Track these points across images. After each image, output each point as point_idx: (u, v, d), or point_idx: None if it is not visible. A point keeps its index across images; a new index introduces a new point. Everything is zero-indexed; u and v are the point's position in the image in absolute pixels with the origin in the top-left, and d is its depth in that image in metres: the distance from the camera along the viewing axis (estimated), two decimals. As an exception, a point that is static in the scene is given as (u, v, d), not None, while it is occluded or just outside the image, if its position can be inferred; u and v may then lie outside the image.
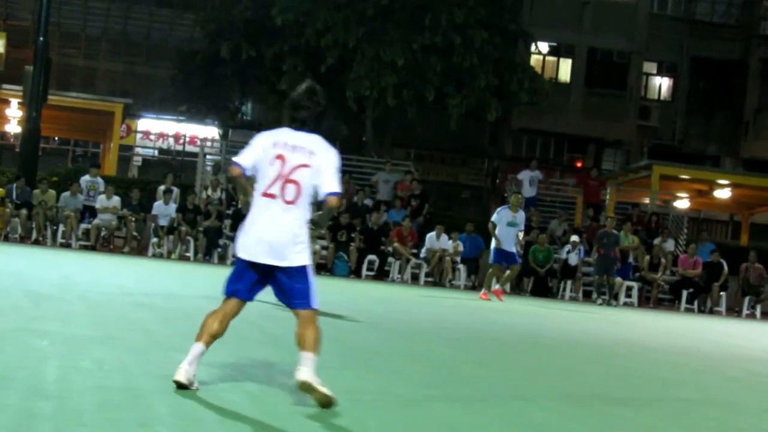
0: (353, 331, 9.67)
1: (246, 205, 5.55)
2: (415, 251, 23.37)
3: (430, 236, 23.24)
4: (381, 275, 22.89)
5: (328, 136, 5.54)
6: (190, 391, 5.27)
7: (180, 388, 5.22)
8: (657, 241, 24.98)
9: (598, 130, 39.79)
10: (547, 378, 7.80)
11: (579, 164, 40.70)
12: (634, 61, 39.96)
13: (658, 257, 24.05)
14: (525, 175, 27.64)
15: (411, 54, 27.87)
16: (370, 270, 22.94)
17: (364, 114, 29.84)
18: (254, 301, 5.52)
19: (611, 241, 22.40)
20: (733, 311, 24.10)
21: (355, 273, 22.69)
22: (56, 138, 41.73)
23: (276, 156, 5.33)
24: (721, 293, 23.86)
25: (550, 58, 39.75)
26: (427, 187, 29.51)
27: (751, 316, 23.69)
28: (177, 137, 41.08)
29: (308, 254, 5.35)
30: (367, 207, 24.74)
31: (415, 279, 23.24)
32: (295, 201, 5.29)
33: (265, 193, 5.32)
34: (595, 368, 9.17)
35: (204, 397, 5.16)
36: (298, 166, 5.30)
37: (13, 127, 32.59)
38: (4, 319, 7.72)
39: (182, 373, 5.20)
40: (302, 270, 5.29)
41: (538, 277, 23.43)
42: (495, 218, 18.27)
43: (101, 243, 22.76)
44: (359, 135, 32.90)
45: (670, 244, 25.40)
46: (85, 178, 23.53)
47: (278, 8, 28.06)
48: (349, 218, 23.17)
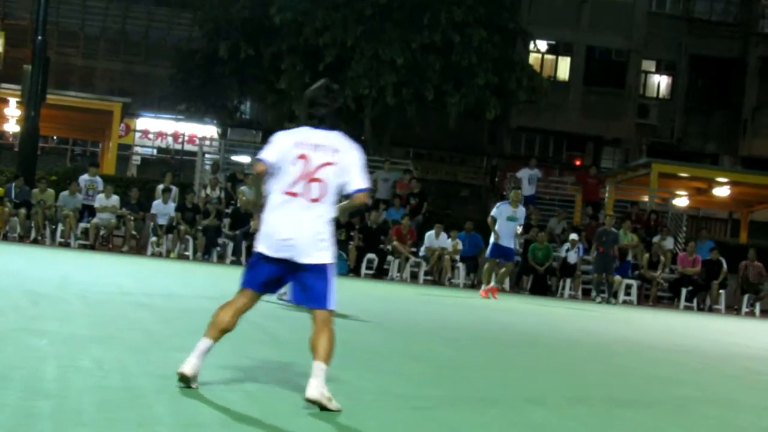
0: (353, 330, 9.66)
1: (246, 205, 5.54)
2: (414, 250, 23.36)
3: (429, 235, 23.24)
4: (380, 274, 22.88)
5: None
6: (190, 390, 5.26)
7: (182, 380, 5.20)
8: (656, 239, 24.98)
9: (597, 128, 39.77)
10: (546, 377, 7.80)
11: (578, 162, 40.69)
12: (633, 59, 39.94)
13: (657, 255, 24.06)
14: (524, 174, 27.66)
15: (410, 53, 27.86)
16: (369, 268, 22.93)
17: (362, 113, 29.83)
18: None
19: (610, 240, 22.40)
20: (733, 309, 24.10)
21: (354, 271, 22.69)
22: (55, 137, 41.69)
23: (299, 156, 5.26)
24: (720, 291, 23.86)
25: (549, 57, 39.72)
26: (426, 185, 29.50)
27: (751, 314, 23.68)
28: (176, 136, 41.03)
29: (331, 253, 5.30)
30: (366, 205, 24.72)
31: (414, 277, 23.24)
32: (319, 199, 5.25)
33: (287, 192, 5.26)
34: (594, 367, 9.17)
35: (204, 397, 5.16)
36: (323, 165, 5.25)
37: (11, 126, 32.54)
38: (3, 319, 7.71)
39: (189, 366, 5.18)
40: (323, 268, 5.25)
41: (537, 276, 23.42)
42: (495, 212, 18.32)
43: (100, 242, 22.73)
44: (358, 134, 32.89)
45: (669, 242, 25.41)
46: (84, 178, 23.50)
47: (276, 7, 28.04)
48: (348, 217, 23.16)
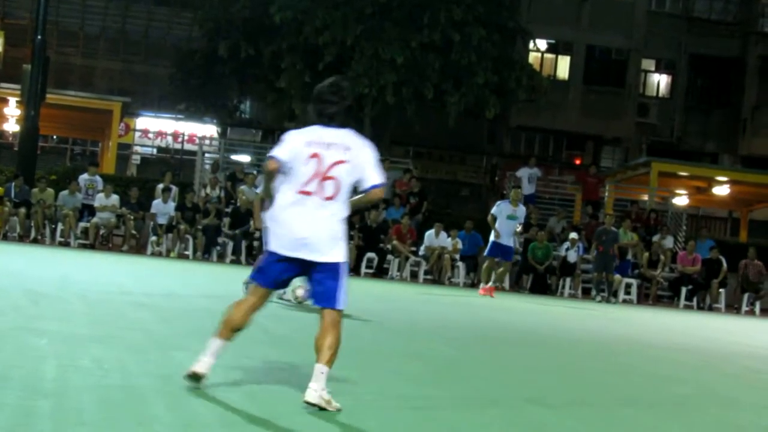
0: (352, 329, 9.63)
1: (246, 204, 5.54)
2: (414, 249, 23.36)
3: (429, 234, 23.23)
4: (380, 273, 22.87)
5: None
6: (190, 390, 5.26)
7: (193, 379, 5.18)
8: (656, 238, 24.97)
9: (597, 127, 39.76)
10: (546, 376, 7.80)
11: (578, 161, 40.69)
12: (633, 58, 39.94)
13: (657, 254, 24.05)
14: (524, 173, 27.65)
15: (410, 52, 27.85)
16: (369, 268, 22.92)
17: (362, 112, 29.82)
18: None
19: (610, 238, 22.39)
20: (732, 308, 24.10)
21: (353, 270, 22.64)
22: (55, 137, 41.68)
23: (311, 155, 5.24)
24: (720, 290, 23.85)
25: (549, 56, 39.70)
26: (425, 184, 29.49)
27: (750, 313, 23.68)
28: (175, 135, 41.01)
29: (345, 251, 5.28)
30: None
31: (414, 276, 23.24)
32: (333, 197, 5.24)
33: (300, 191, 5.23)
34: (594, 365, 9.17)
35: (204, 397, 5.16)
36: (335, 163, 5.24)
37: (11, 125, 32.53)
38: (2, 318, 7.71)
39: (203, 365, 5.18)
40: (336, 267, 5.22)
41: (537, 275, 23.41)
42: (495, 211, 18.37)
43: (100, 241, 22.72)
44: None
45: (669, 241, 25.41)
46: (84, 177, 23.49)
47: (276, 6, 28.02)
48: (347, 216, 23.12)
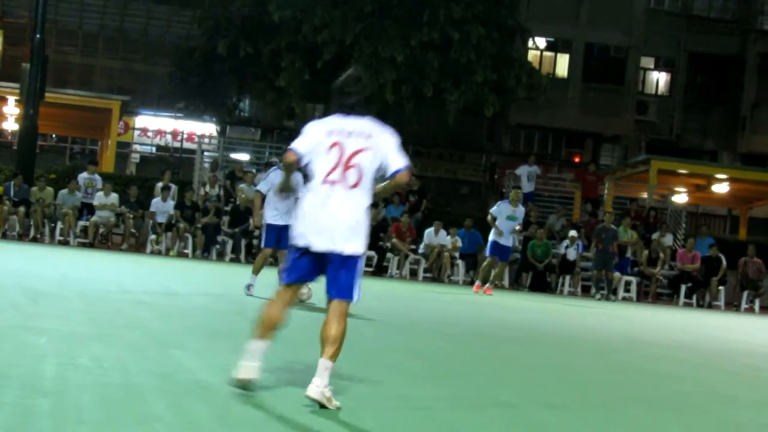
0: (353, 327, 9.59)
1: (245, 203, 5.52)
2: (413, 247, 23.36)
3: (429, 232, 23.23)
4: (380, 271, 22.87)
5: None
6: (189, 388, 5.26)
7: (243, 386, 5.12)
8: (655, 235, 24.97)
9: (596, 125, 39.77)
10: (546, 374, 7.79)
11: (577, 159, 40.69)
12: (632, 56, 39.94)
13: (656, 252, 24.05)
14: (523, 171, 27.64)
15: (409, 50, 27.85)
16: (368, 266, 22.91)
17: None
18: (254, 297, 5.50)
19: (610, 236, 22.39)
20: (732, 305, 24.11)
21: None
22: (54, 135, 41.70)
23: (332, 144, 5.25)
24: (720, 288, 23.86)
25: (548, 54, 39.70)
26: (425, 182, 29.50)
27: (750, 311, 23.68)
28: (175, 134, 41.01)
29: (364, 244, 5.25)
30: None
31: (413, 275, 23.24)
32: (357, 185, 5.21)
33: (325, 180, 5.22)
34: (593, 363, 9.17)
35: (203, 395, 5.15)
36: (358, 151, 5.23)
37: (10, 124, 32.52)
38: (2, 317, 7.71)
39: (250, 370, 5.13)
40: (354, 260, 5.21)
41: (536, 272, 23.41)
42: (494, 211, 18.51)
43: (99, 240, 22.72)
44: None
45: (668, 239, 25.41)
46: (83, 176, 23.48)
47: (275, 5, 28.02)
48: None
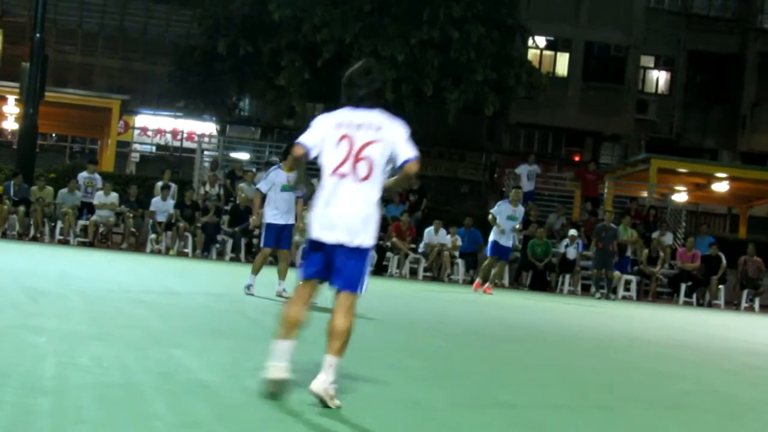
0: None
1: (245, 202, 5.50)
2: (413, 246, 23.36)
3: (429, 231, 23.24)
4: (379, 270, 22.86)
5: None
6: (189, 387, 5.26)
7: (276, 386, 5.07)
8: (655, 234, 24.98)
9: (596, 123, 39.77)
10: (546, 373, 7.79)
11: (577, 158, 40.69)
12: (632, 54, 39.94)
13: (656, 251, 24.05)
14: (523, 170, 27.65)
15: (409, 49, 27.84)
16: (368, 265, 22.90)
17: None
18: (254, 296, 5.48)
19: (609, 235, 22.40)
20: (732, 304, 24.11)
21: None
22: (54, 135, 41.70)
23: (341, 137, 5.20)
24: (720, 286, 23.87)
25: (548, 53, 39.70)
26: (425, 181, 29.48)
27: (750, 309, 23.69)
28: (174, 133, 41.01)
29: (374, 235, 5.21)
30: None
31: (413, 274, 23.24)
32: (368, 177, 5.17)
33: (335, 173, 5.18)
34: (593, 362, 9.17)
35: (203, 394, 5.15)
36: (367, 143, 5.18)
37: (10, 124, 32.52)
38: (1, 316, 7.71)
39: (279, 369, 5.08)
40: (364, 252, 5.17)
41: (536, 271, 23.42)
42: (495, 210, 18.59)
43: (99, 239, 22.72)
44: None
45: (668, 238, 25.41)
46: (83, 175, 23.50)
47: (275, 4, 27.99)
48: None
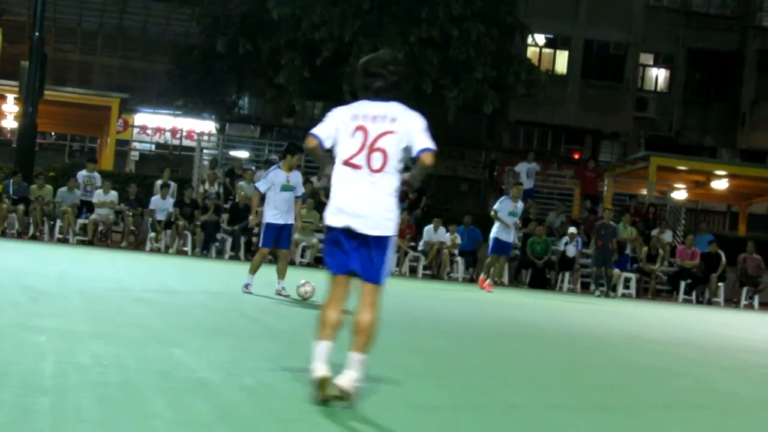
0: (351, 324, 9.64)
1: (245, 200, 5.48)
2: (413, 244, 23.36)
3: (428, 229, 23.24)
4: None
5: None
6: (188, 386, 5.26)
7: (321, 386, 4.98)
8: (655, 232, 24.99)
9: (596, 121, 39.77)
10: (546, 371, 7.78)
11: (576, 156, 40.68)
12: (631, 52, 39.93)
13: (656, 248, 24.06)
14: (522, 167, 27.67)
15: (408, 47, 27.83)
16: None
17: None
18: (252, 294, 5.46)
19: (609, 233, 22.41)
20: (731, 302, 24.13)
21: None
22: (53, 133, 41.68)
23: (356, 128, 5.14)
24: (719, 284, 23.88)
25: (547, 50, 39.71)
26: (424, 180, 29.45)
27: (749, 307, 23.70)
28: (174, 132, 41.01)
29: (395, 225, 5.16)
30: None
31: (413, 272, 23.24)
32: (382, 169, 5.09)
33: (348, 164, 5.12)
34: (593, 360, 9.17)
35: (202, 392, 5.15)
36: (382, 134, 5.10)
37: (9, 122, 32.52)
38: (1, 315, 7.70)
39: (321, 369, 5.01)
40: (385, 241, 5.12)
41: (536, 269, 23.43)
42: (497, 207, 18.67)
43: (99, 238, 22.73)
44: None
45: (667, 235, 25.42)
46: (82, 173, 23.51)
47: (274, 2, 27.99)
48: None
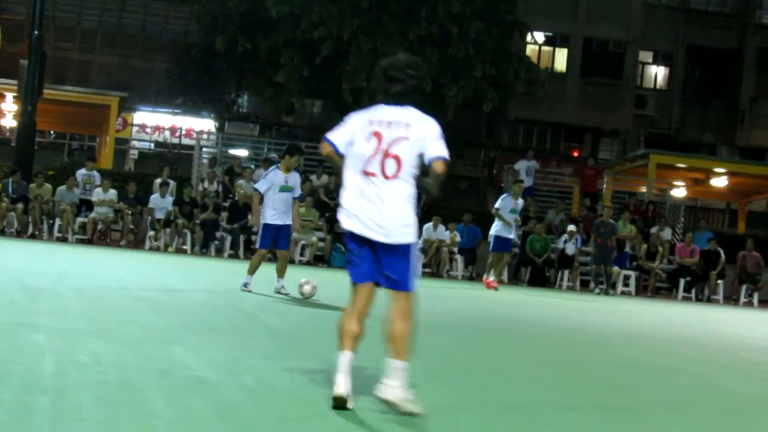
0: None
1: (244, 199, 5.46)
2: (412, 242, 23.33)
3: (427, 227, 23.23)
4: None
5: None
6: (188, 384, 5.26)
7: (338, 402, 4.91)
8: (654, 229, 24.98)
9: (595, 119, 39.75)
10: (545, 370, 7.78)
11: (576, 154, 40.67)
12: (630, 50, 39.91)
13: (655, 246, 24.05)
14: (521, 165, 27.66)
15: (407, 45, 27.81)
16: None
17: (359, 106, 29.74)
18: (251, 293, 5.45)
19: (608, 231, 22.40)
20: (731, 299, 24.12)
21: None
22: (52, 132, 41.65)
23: (372, 133, 5.10)
24: (719, 281, 23.88)
25: (546, 48, 39.69)
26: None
27: (749, 304, 23.69)
28: (173, 130, 40.99)
29: (414, 232, 5.11)
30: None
31: (412, 270, 23.20)
32: (396, 175, 5.06)
33: (364, 171, 5.09)
34: (592, 358, 9.17)
35: (201, 391, 5.15)
36: (396, 140, 5.07)
37: (8, 121, 32.50)
38: (0, 314, 7.70)
39: (342, 386, 4.91)
40: (406, 249, 5.08)
41: (535, 267, 23.42)
42: (499, 204, 18.68)
43: (98, 236, 22.71)
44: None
45: (667, 233, 25.41)
46: (81, 172, 23.49)
47: (273, 0, 27.96)
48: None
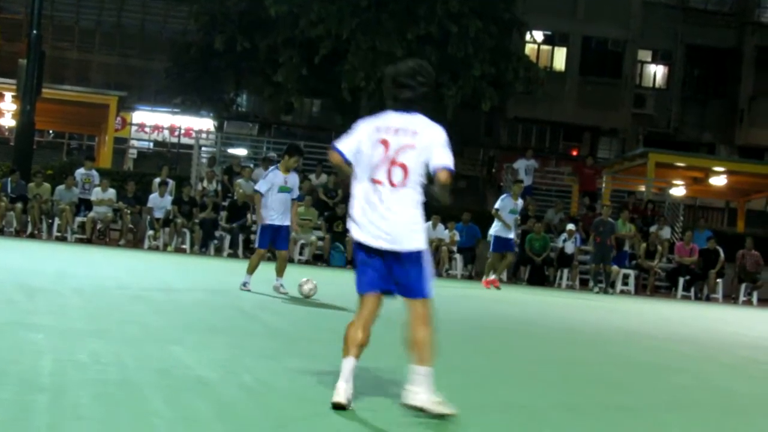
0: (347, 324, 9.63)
1: (243, 198, 5.46)
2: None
3: (427, 226, 23.12)
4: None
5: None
6: (187, 383, 5.25)
7: (338, 408, 4.88)
8: (653, 228, 24.98)
9: (594, 118, 39.76)
10: (545, 369, 7.78)
11: (574, 153, 40.67)
12: (629, 49, 39.93)
13: (654, 245, 24.06)
14: (521, 164, 27.66)
15: (406, 44, 27.82)
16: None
17: (359, 105, 29.80)
18: (251, 292, 5.44)
19: (608, 230, 22.40)
20: (730, 298, 24.13)
21: (351, 263, 22.64)
22: (51, 131, 41.66)
23: (379, 141, 5.08)
24: (718, 280, 23.88)
25: (545, 47, 39.70)
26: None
27: (748, 303, 23.69)
28: (172, 129, 41.00)
29: (423, 238, 5.08)
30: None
31: (411, 269, 23.19)
32: (403, 183, 5.03)
33: (372, 179, 5.07)
34: (592, 357, 9.17)
35: (201, 391, 5.15)
36: (403, 148, 5.04)
37: (7, 120, 32.50)
38: None
39: (342, 394, 4.89)
40: (417, 255, 5.03)
41: (534, 266, 23.41)
42: (499, 205, 18.66)
43: (97, 236, 22.71)
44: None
45: (666, 232, 25.42)
46: (80, 171, 23.49)
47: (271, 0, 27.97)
48: (346, 209, 23.11)
